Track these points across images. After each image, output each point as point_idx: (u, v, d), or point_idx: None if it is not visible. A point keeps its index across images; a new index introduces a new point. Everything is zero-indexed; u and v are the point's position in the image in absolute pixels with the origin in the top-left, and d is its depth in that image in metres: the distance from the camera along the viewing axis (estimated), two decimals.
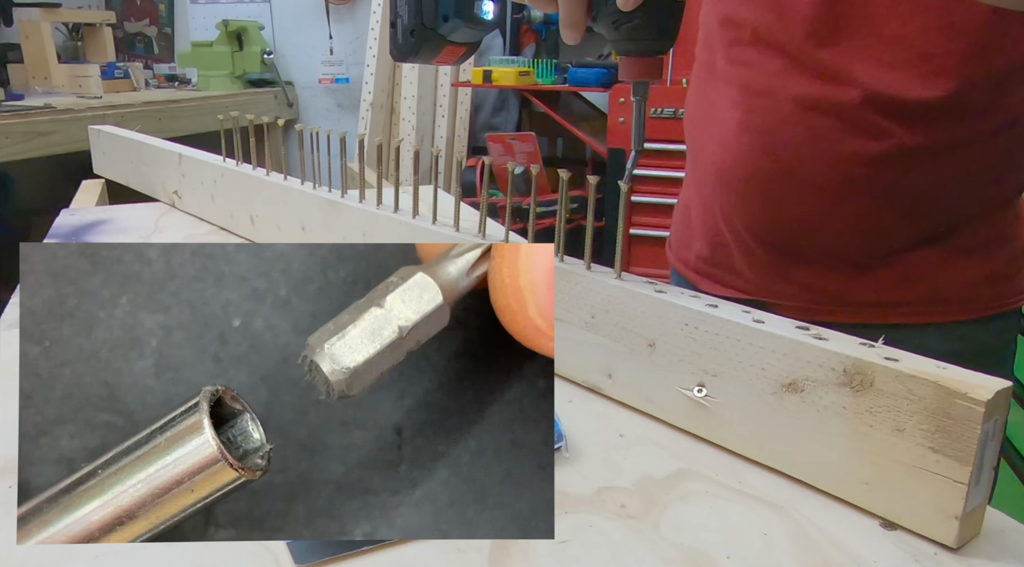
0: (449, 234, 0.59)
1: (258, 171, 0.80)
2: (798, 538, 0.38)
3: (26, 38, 2.61)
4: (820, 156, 0.62)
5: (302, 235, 0.74)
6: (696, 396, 0.45)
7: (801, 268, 0.67)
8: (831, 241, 0.65)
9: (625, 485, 0.42)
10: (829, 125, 0.61)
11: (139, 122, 2.09)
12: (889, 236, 0.64)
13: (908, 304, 0.66)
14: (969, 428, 0.34)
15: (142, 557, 0.36)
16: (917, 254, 0.64)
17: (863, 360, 0.38)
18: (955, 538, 0.36)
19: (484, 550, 0.37)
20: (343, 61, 3.05)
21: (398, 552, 0.37)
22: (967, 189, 0.63)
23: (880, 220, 0.63)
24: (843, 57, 0.60)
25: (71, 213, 1.03)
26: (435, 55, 0.54)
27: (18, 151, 1.90)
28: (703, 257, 0.75)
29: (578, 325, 0.51)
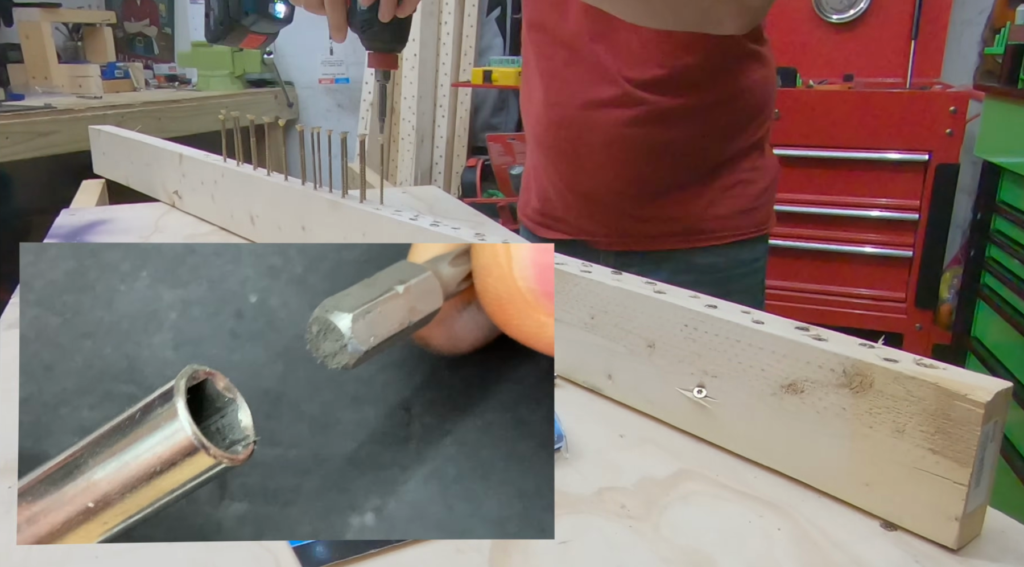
0: (449, 234, 0.59)
1: (258, 171, 0.80)
2: (798, 539, 0.38)
3: (26, 38, 2.61)
4: (598, 122, 0.84)
5: (302, 235, 0.74)
6: (696, 397, 0.45)
7: (601, 211, 0.89)
8: (618, 188, 0.87)
9: (625, 485, 0.42)
10: (601, 98, 0.83)
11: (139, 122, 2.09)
12: (657, 181, 0.86)
13: (680, 234, 0.88)
14: (969, 430, 0.34)
15: (142, 557, 0.36)
16: (683, 195, 0.87)
17: (863, 361, 0.38)
18: (955, 539, 0.36)
19: (484, 550, 0.37)
20: (343, 61, 3.05)
21: (399, 553, 0.37)
22: (709, 143, 0.86)
23: (648, 169, 0.85)
24: (608, 48, 0.82)
25: (71, 213, 1.03)
26: (240, 40, 0.70)
27: (18, 151, 1.90)
28: (537, 209, 0.97)
29: (577, 326, 0.51)
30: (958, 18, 2.31)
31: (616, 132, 0.83)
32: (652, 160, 0.85)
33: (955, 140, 1.97)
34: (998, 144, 1.79)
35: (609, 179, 0.87)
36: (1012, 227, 1.72)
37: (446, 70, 2.74)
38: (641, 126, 0.83)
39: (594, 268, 0.52)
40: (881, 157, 2.04)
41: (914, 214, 2.04)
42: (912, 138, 2.00)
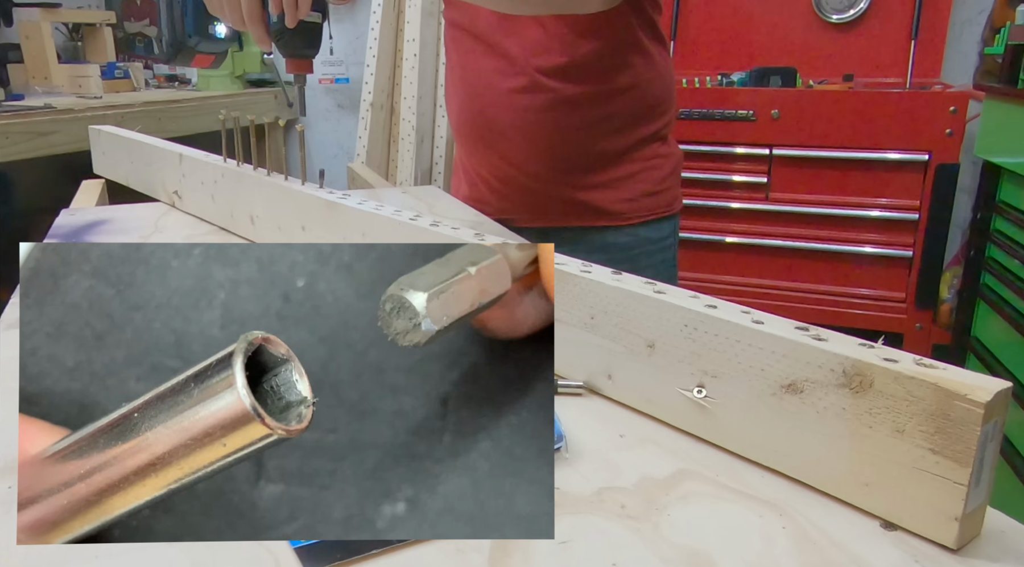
0: (448, 234, 0.59)
1: (258, 171, 0.80)
2: (798, 539, 0.38)
3: (26, 38, 2.60)
4: (510, 109, 0.92)
5: (302, 235, 0.74)
6: (696, 397, 0.45)
7: (520, 193, 0.98)
8: (533, 171, 0.95)
9: (625, 485, 0.42)
10: (512, 86, 0.91)
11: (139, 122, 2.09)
12: (568, 165, 0.94)
13: (592, 214, 0.97)
14: (968, 430, 0.34)
15: (141, 557, 0.36)
16: (593, 178, 0.95)
17: (862, 361, 0.38)
18: (955, 539, 0.36)
19: (484, 550, 0.37)
20: (343, 61, 3.05)
21: (399, 553, 0.37)
22: (613, 130, 0.93)
23: (559, 153, 0.93)
24: (517, 40, 0.91)
25: (71, 213, 1.03)
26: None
27: (18, 151, 1.90)
28: (467, 195, 1.06)
29: (577, 326, 0.51)
30: (958, 18, 2.31)
31: (527, 118, 0.92)
32: (562, 145, 0.93)
33: (955, 140, 1.97)
34: (998, 144, 1.79)
35: (524, 163, 0.95)
36: (1012, 227, 1.72)
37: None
38: (549, 112, 0.92)
39: (594, 268, 0.52)
40: (881, 157, 2.04)
41: (914, 214, 2.04)
42: (912, 138, 2.00)
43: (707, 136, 2.17)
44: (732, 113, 2.14)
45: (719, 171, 2.20)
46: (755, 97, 2.13)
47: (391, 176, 2.77)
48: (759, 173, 2.17)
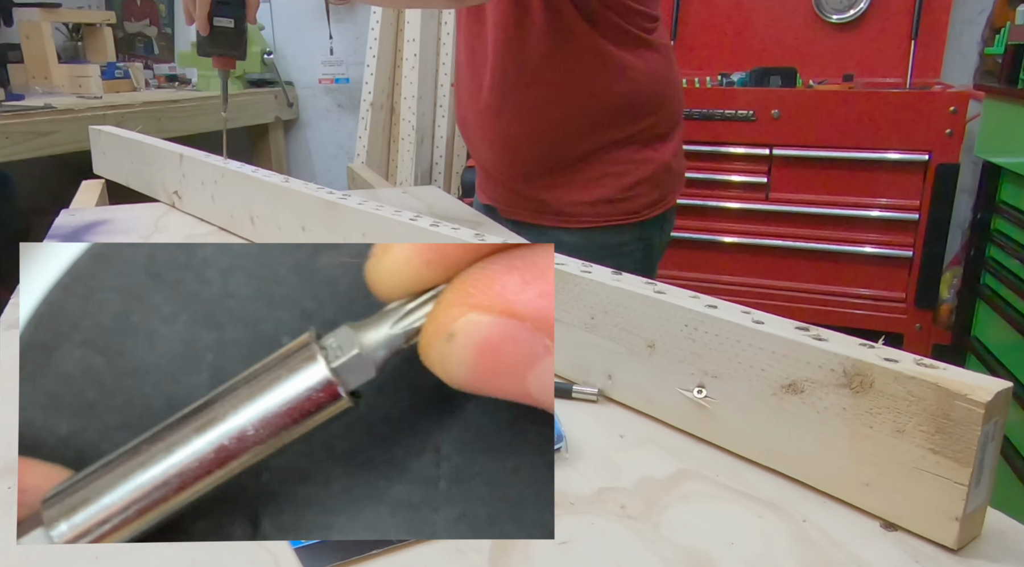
0: (449, 234, 0.59)
1: (258, 171, 0.80)
2: (798, 539, 0.38)
3: (26, 38, 2.60)
4: (479, 113, 1.01)
5: (302, 235, 0.74)
6: (696, 397, 0.45)
7: (494, 186, 1.08)
8: (501, 169, 1.03)
9: (625, 485, 0.42)
10: (478, 89, 0.99)
11: (139, 122, 2.09)
12: (527, 166, 1.00)
13: (552, 213, 1.01)
14: (969, 430, 0.34)
15: (141, 557, 0.36)
16: (551, 180, 1.00)
17: (863, 361, 0.38)
18: (955, 539, 0.36)
19: (484, 550, 0.37)
20: (343, 61, 3.04)
21: (399, 553, 0.37)
22: (569, 134, 0.96)
23: (519, 154, 1.00)
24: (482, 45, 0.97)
25: (71, 213, 1.03)
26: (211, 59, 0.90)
27: (18, 151, 1.90)
28: (476, 181, 1.17)
29: (577, 326, 0.51)
30: (958, 18, 2.31)
31: (487, 121, 1.00)
32: (520, 147, 0.99)
33: (955, 140, 1.97)
34: (998, 144, 1.79)
35: (494, 163, 1.04)
36: (1012, 227, 1.72)
37: (446, 70, 2.74)
38: (504, 116, 0.97)
39: (594, 268, 0.52)
40: (881, 157, 2.04)
41: (914, 214, 2.04)
42: (912, 138, 2.00)
43: (707, 136, 2.17)
44: (732, 113, 2.14)
45: (719, 171, 2.20)
46: (755, 97, 2.13)
47: (391, 176, 2.77)
48: (759, 173, 2.16)
